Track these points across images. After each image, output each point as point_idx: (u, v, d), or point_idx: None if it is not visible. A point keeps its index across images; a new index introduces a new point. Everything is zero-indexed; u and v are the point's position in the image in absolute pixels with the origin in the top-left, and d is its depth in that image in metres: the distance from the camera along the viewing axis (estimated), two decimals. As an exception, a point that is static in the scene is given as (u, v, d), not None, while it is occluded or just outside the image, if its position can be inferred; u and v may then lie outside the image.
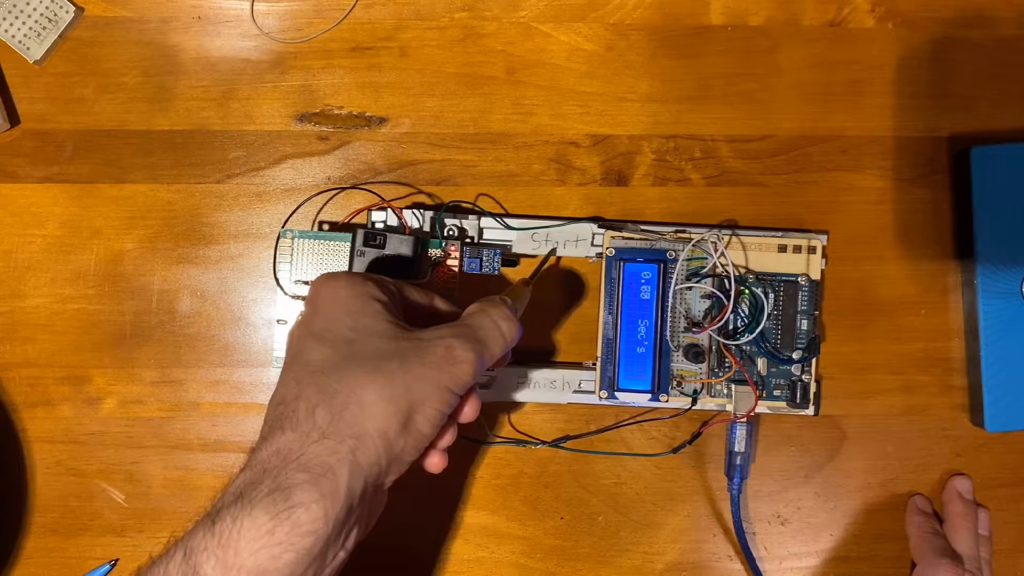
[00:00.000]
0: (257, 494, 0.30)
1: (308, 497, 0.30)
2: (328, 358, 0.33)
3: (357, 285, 0.36)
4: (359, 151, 0.48)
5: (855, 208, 0.48)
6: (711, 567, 0.47)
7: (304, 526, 0.30)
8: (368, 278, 0.36)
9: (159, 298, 0.47)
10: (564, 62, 0.48)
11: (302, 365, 0.34)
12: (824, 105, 0.48)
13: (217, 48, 0.48)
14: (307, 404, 0.32)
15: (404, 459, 0.34)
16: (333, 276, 0.37)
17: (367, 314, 0.35)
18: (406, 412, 0.33)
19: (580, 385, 0.46)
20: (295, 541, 0.30)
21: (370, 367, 0.33)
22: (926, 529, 0.46)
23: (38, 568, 0.47)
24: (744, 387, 0.45)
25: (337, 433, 0.31)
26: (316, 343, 0.34)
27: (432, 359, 0.34)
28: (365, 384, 0.32)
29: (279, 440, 0.32)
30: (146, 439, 0.47)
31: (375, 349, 0.33)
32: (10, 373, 0.47)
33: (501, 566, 0.47)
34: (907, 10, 0.49)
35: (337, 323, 0.34)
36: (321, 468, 0.31)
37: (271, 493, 0.30)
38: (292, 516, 0.30)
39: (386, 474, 0.33)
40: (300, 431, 0.32)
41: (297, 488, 0.30)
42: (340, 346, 0.34)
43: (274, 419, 0.33)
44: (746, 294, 0.45)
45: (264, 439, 0.32)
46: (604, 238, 0.46)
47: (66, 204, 0.47)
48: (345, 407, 0.32)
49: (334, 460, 0.31)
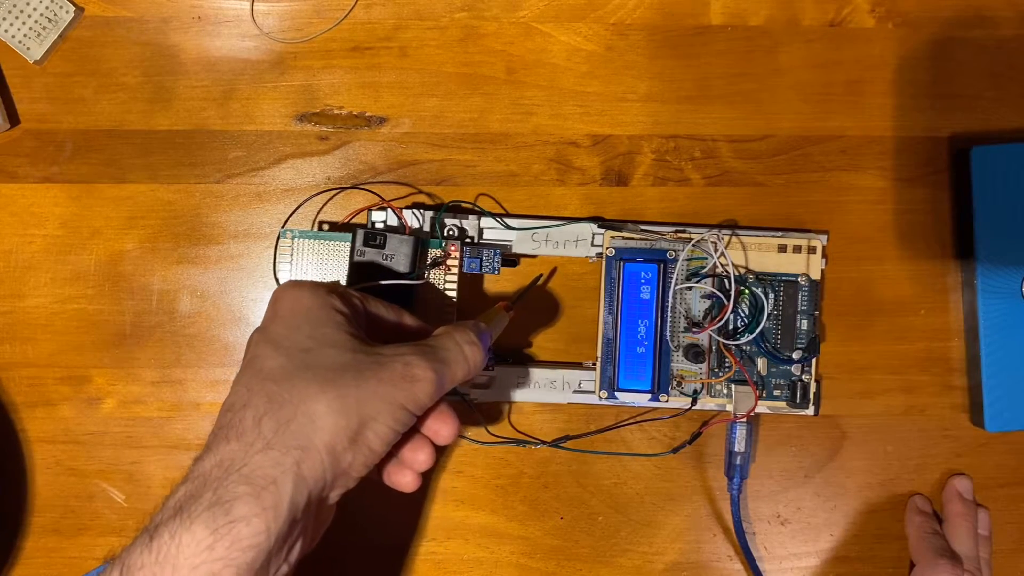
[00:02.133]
0: (197, 507, 0.29)
1: (249, 510, 0.29)
2: (281, 366, 0.32)
3: (320, 295, 0.35)
4: (359, 151, 0.48)
5: (855, 208, 0.48)
6: (711, 567, 0.47)
7: (245, 540, 0.29)
8: (332, 289, 0.36)
9: (159, 298, 0.47)
10: (564, 62, 0.48)
11: (255, 371, 0.33)
12: (824, 105, 0.48)
13: (217, 48, 0.48)
14: (254, 412, 0.31)
15: (351, 474, 0.32)
16: (297, 284, 0.36)
17: (327, 324, 0.34)
18: (356, 427, 0.32)
19: (580, 385, 0.46)
20: (236, 556, 0.29)
21: (323, 379, 0.32)
22: (926, 529, 0.46)
23: (38, 568, 0.47)
24: (744, 387, 0.45)
25: (282, 444, 0.30)
26: (271, 350, 0.33)
27: (389, 375, 0.33)
28: (316, 395, 0.31)
29: (222, 450, 0.31)
30: (146, 439, 0.47)
31: (331, 360, 0.33)
32: (10, 373, 0.47)
33: (501, 566, 0.47)
34: (907, 10, 0.49)
35: (295, 331, 0.34)
36: (264, 480, 0.30)
37: (211, 507, 0.29)
38: (233, 531, 0.29)
39: (331, 488, 0.32)
40: (244, 440, 0.31)
41: (238, 501, 0.29)
42: (295, 355, 0.33)
43: (220, 427, 0.32)
44: (746, 294, 0.45)
45: (208, 449, 0.31)
46: (604, 238, 0.46)
47: (66, 204, 0.47)
48: (293, 418, 0.31)
49: (278, 472, 0.30)
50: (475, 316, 0.46)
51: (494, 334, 0.41)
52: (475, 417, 0.46)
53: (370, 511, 0.47)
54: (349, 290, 0.37)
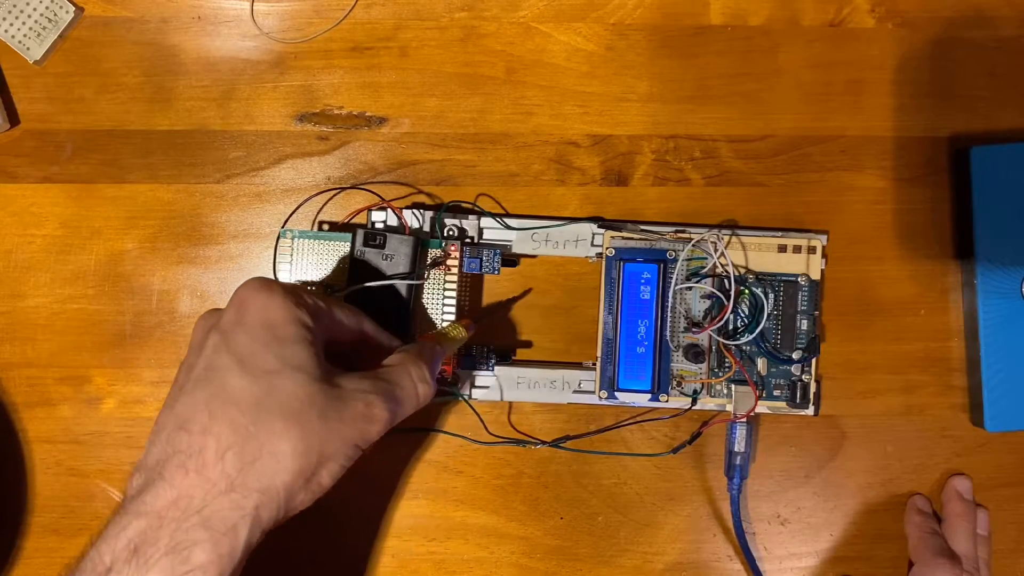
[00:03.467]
0: (154, 552, 0.29)
1: (207, 558, 0.29)
2: (247, 390, 0.31)
3: (290, 306, 0.34)
4: (359, 151, 0.48)
5: (855, 208, 0.48)
6: (711, 567, 0.47)
7: None
8: (301, 299, 0.34)
9: (159, 298, 0.47)
10: (564, 62, 0.48)
11: (216, 389, 0.32)
12: (824, 105, 0.48)
13: (217, 48, 0.48)
14: (217, 444, 0.31)
15: (297, 509, 0.33)
16: (265, 287, 0.34)
17: (294, 342, 0.33)
18: (314, 467, 0.32)
19: (580, 385, 0.46)
20: None
21: (289, 416, 0.31)
22: (925, 529, 0.46)
23: (38, 568, 0.46)
24: (744, 387, 0.45)
25: (244, 486, 0.30)
26: (236, 367, 0.32)
27: (350, 415, 0.33)
28: (282, 434, 0.31)
29: (180, 483, 0.30)
30: (146, 439, 0.47)
31: (296, 392, 0.32)
32: (10, 373, 0.47)
33: (501, 566, 0.47)
34: (907, 10, 0.49)
35: (262, 348, 0.32)
36: (223, 526, 0.30)
37: (169, 553, 0.29)
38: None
39: (278, 523, 0.32)
40: (205, 477, 0.30)
41: (197, 548, 0.29)
42: (261, 378, 0.32)
43: (175, 451, 0.31)
44: (746, 294, 0.45)
45: (160, 474, 0.30)
46: (604, 238, 0.46)
47: (66, 204, 0.47)
48: (258, 457, 0.31)
49: (237, 517, 0.30)
50: (473, 316, 0.47)
51: (449, 352, 0.41)
52: (475, 417, 0.46)
53: (370, 511, 0.47)
54: (315, 298, 0.35)
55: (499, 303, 0.47)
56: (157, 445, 0.32)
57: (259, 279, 0.35)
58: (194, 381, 0.33)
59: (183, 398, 0.32)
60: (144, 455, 0.32)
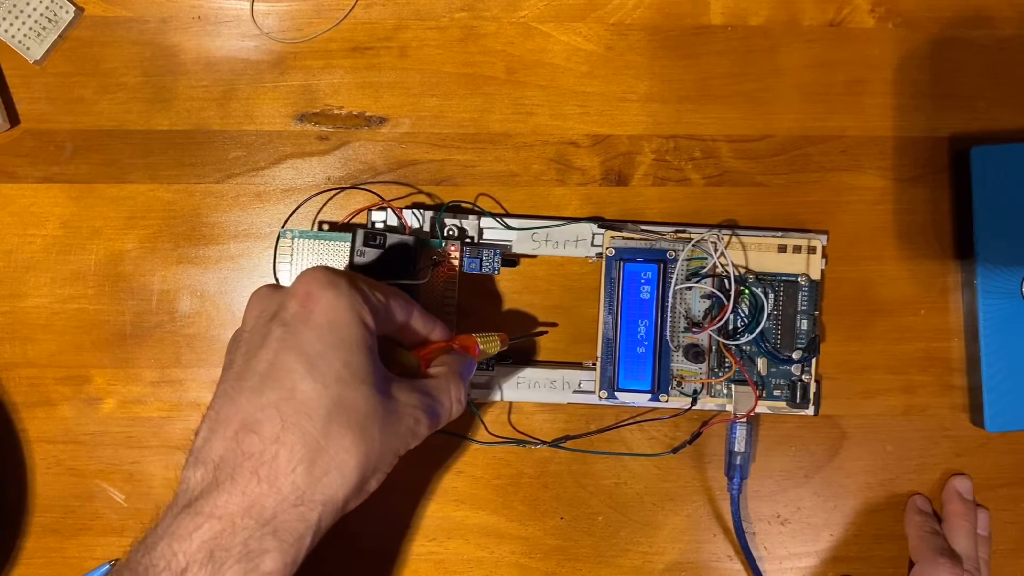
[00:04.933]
0: (228, 558, 0.30)
1: (275, 566, 0.31)
2: (318, 399, 0.32)
3: (356, 306, 0.33)
4: (359, 151, 0.48)
5: (855, 208, 0.48)
6: (711, 567, 0.47)
7: None
8: (366, 297, 0.34)
9: (159, 298, 0.47)
10: (564, 62, 0.48)
11: (286, 393, 0.32)
12: (824, 105, 0.48)
13: (217, 48, 0.48)
14: (289, 455, 0.31)
15: (346, 512, 0.34)
16: (333, 283, 0.33)
17: (359, 348, 0.33)
18: (369, 477, 0.33)
19: (580, 385, 0.46)
20: None
21: (356, 430, 0.32)
22: (925, 529, 0.46)
23: (38, 568, 0.47)
24: (744, 387, 0.45)
25: (312, 499, 0.31)
26: (305, 370, 0.32)
27: (402, 430, 0.34)
28: (350, 448, 0.32)
29: (253, 491, 0.31)
30: (146, 439, 0.47)
31: (361, 405, 0.32)
32: (10, 373, 0.47)
33: (501, 566, 0.47)
34: (907, 10, 0.49)
35: (331, 352, 0.32)
36: (291, 536, 0.31)
37: (241, 560, 0.30)
38: None
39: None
40: (277, 488, 0.31)
41: (267, 556, 0.30)
42: (331, 386, 0.32)
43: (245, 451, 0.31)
44: (746, 294, 0.45)
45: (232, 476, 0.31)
46: (604, 238, 0.46)
47: (66, 204, 0.47)
48: (326, 472, 0.31)
49: (304, 528, 0.31)
50: (476, 315, 0.47)
51: (482, 358, 0.42)
52: (475, 417, 0.46)
53: (370, 512, 0.47)
54: (376, 292, 0.35)
55: (522, 335, 0.46)
56: (220, 439, 0.32)
57: (326, 271, 0.34)
58: (260, 377, 0.32)
59: (249, 396, 0.32)
60: (202, 444, 0.32)
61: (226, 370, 0.34)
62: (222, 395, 0.33)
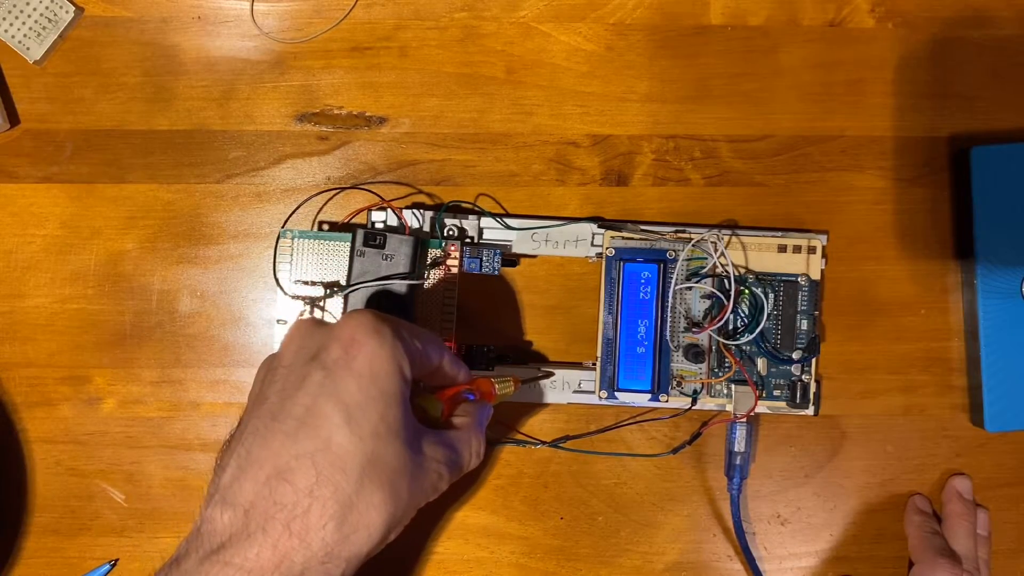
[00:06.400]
0: None
1: None
2: (354, 453, 0.31)
3: (398, 357, 0.33)
4: (359, 151, 0.48)
5: (855, 208, 0.48)
6: (711, 567, 0.47)
7: None
8: (407, 346, 0.34)
9: (159, 298, 0.47)
10: (564, 62, 0.48)
11: (322, 443, 0.31)
12: (824, 105, 0.48)
13: (217, 48, 0.48)
14: (321, 510, 0.30)
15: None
16: (378, 331, 0.33)
17: (396, 401, 0.33)
18: (392, 531, 0.33)
19: (580, 385, 0.46)
20: None
21: (388, 488, 0.32)
22: (925, 529, 0.46)
23: (38, 568, 0.47)
24: (744, 387, 0.45)
25: (339, 556, 0.31)
26: (343, 420, 0.31)
27: (427, 485, 0.34)
28: (380, 506, 0.31)
29: (284, 545, 0.30)
30: (146, 439, 0.47)
31: (394, 460, 0.32)
32: (10, 373, 0.47)
33: (501, 566, 0.47)
34: (907, 10, 0.49)
35: (370, 404, 0.32)
36: None
37: None
38: None
39: None
40: (307, 543, 0.30)
41: None
42: (367, 440, 0.31)
43: (278, 501, 0.30)
44: (746, 294, 0.45)
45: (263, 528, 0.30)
46: (604, 238, 0.46)
47: (66, 204, 0.47)
48: (355, 530, 0.31)
49: None
50: (477, 318, 0.47)
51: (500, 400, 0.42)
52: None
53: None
54: (415, 339, 0.35)
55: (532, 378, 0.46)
56: (251, 482, 0.31)
57: (373, 317, 0.34)
58: (296, 422, 0.32)
59: (283, 440, 0.31)
60: (230, 482, 0.31)
61: (257, 403, 0.33)
62: (253, 432, 0.32)
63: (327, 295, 0.43)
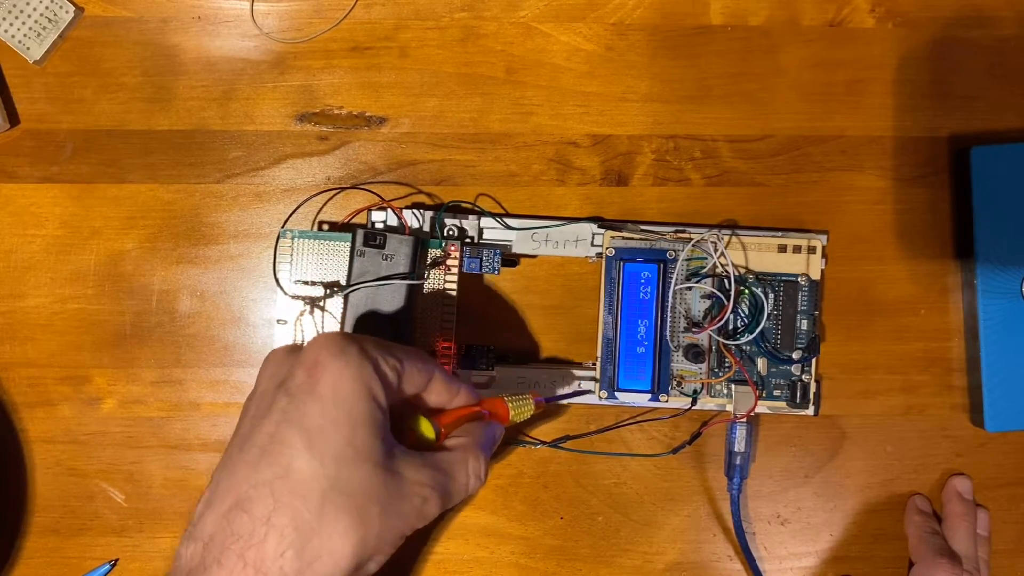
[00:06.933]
0: None
1: None
2: (314, 478, 0.30)
3: (366, 377, 0.32)
4: (359, 151, 0.48)
5: (855, 208, 0.48)
6: (711, 567, 0.47)
7: None
8: (378, 366, 0.32)
9: (159, 298, 0.47)
10: (564, 62, 0.48)
11: (281, 470, 0.30)
12: (824, 105, 0.48)
13: (217, 48, 0.48)
14: (279, 539, 0.29)
15: None
16: (343, 352, 0.32)
17: (365, 424, 0.31)
18: (366, 561, 0.31)
19: (580, 385, 0.46)
20: None
21: (353, 513, 0.30)
22: (925, 528, 0.46)
23: (38, 568, 0.47)
24: (744, 387, 0.45)
25: None
26: (304, 446, 0.30)
27: (407, 510, 0.32)
28: (345, 533, 0.30)
29: (239, 574, 0.29)
30: (146, 439, 0.47)
31: (362, 485, 0.31)
32: (10, 373, 0.47)
33: (501, 566, 0.47)
34: (907, 10, 0.49)
35: (333, 429, 0.31)
36: None
37: None
38: None
39: None
40: (264, 573, 0.29)
41: None
42: (329, 465, 0.30)
43: (235, 531, 0.30)
44: (746, 294, 0.45)
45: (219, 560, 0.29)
46: (604, 238, 0.46)
47: (66, 204, 0.47)
48: (318, 558, 0.30)
49: None
50: (480, 321, 0.47)
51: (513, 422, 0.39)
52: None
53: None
54: (393, 357, 0.33)
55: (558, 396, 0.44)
56: (213, 515, 0.30)
57: (337, 337, 0.33)
58: (259, 450, 0.31)
59: (246, 470, 0.31)
60: (197, 517, 0.31)
61: (233, 435, 0.33)
62: (223, 464, 0.32)
63: (327, 295, 0.43)
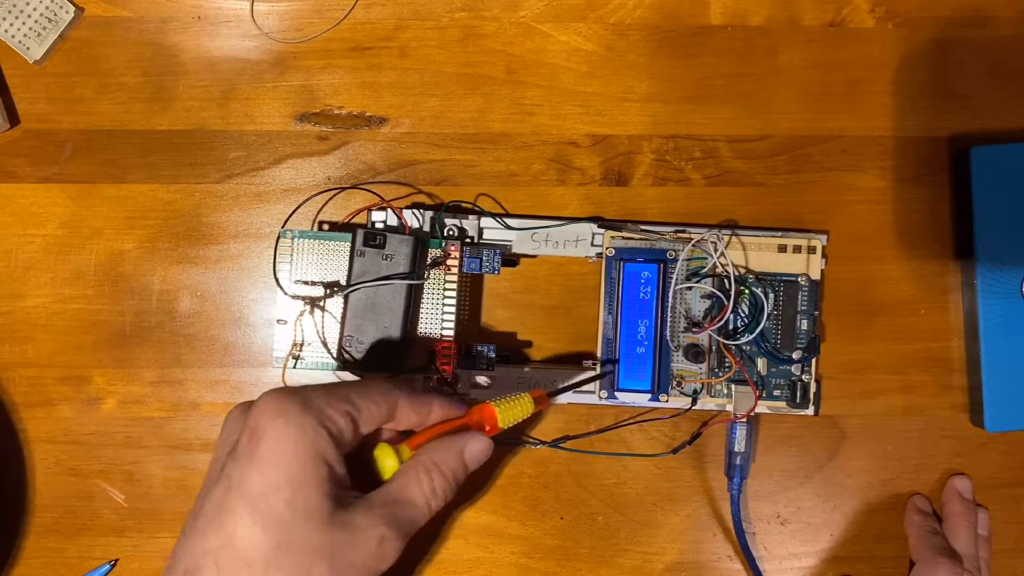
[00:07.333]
0: None
1: None
2: (257, 546, 0.30)
3: (308, 434, 0.31)
4: (359, 151, 0.48)
5: (855, 208, 0.48)
6: (711, 567, 0.47)
7: None
8: (322, 419, 0.32)
9: (159, 298, 0.47)
10: (564, 62, 0.48)
11: (226, 538, 0.30)
12: (824, 105, 0.48)
13: (217, 48, 0.48)
14: None
15: None
16: (282, 412, 0.32)
17: (308, 484, 0.31)
18: None
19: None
20: None
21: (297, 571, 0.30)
22: (925, 528, 0.46)
23: (38, 568, 0.47)
24: (744, 387, 0.45)
25: None
26: (247, 513, 0.30)
27: (362, 557, 0.32)
28: None
29: None
30: (146, 439, 0.47)
31: (307, 545, 0.31)
32: (10, 373, 0.47)
33: (501, 566, 0.47)
34: (907, 10, 0.49)
35: (274, 493, 0.31)
36: None
37: None
38: None
39: None
40: None
41: None
42: (271, 529, 0.30)
43: None
44: (746, 294, 0.45)
45: None
46: (604, 238, 0.46)
47: (66, 204, 0.47)
48: None
49: None
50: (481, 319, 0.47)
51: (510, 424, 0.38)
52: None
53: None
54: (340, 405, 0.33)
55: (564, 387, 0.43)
56: None
57: (277, 397, 0.32)
58: (207, 519, 0.31)
59: (195, 539, 0.31)
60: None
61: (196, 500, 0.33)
62: (181, 532, 0.32)
63: (327, 295, 0.43)
